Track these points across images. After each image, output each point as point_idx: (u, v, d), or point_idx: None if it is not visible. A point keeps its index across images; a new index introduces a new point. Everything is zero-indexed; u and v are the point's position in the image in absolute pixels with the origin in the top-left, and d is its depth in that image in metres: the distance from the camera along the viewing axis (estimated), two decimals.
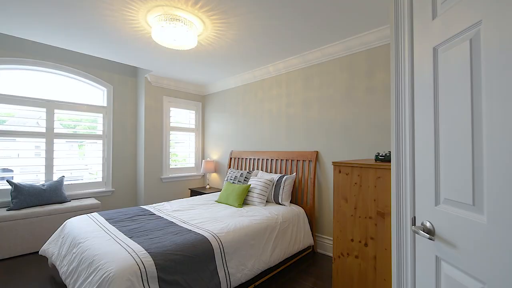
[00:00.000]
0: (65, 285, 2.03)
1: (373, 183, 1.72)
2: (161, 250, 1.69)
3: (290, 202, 3.09)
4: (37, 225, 2.81)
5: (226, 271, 1.87)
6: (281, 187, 2.93)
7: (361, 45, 2.58)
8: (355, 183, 1.82)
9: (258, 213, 2.54)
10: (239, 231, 2.12)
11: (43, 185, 3.05)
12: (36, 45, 3.17)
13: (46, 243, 2.33)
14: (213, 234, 1.98)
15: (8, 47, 2.98)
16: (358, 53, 2.66)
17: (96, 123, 3.82)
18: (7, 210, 2.74)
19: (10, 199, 2.93)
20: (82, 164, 3.68)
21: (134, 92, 4.18)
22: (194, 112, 4.76)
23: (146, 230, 2.06)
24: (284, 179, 2.96)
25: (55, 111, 3.34)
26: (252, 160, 3.76)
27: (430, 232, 0.91)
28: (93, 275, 1.51)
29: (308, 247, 2.85)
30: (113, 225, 2.15)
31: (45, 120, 3.26)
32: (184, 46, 2.43)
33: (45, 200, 2.99)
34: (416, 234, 1.02)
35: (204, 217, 2.42)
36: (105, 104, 3.85)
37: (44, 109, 3.26)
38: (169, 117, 4.33)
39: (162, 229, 2.09)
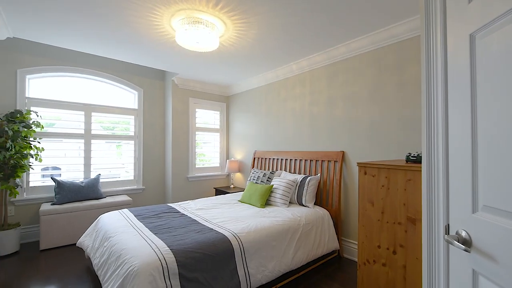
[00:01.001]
0: (97, 276, 2.18)
1: (402, 186, 1.59)
2: (183, 247, 1.73)
3: (315, 203, 2.99)
4: (76, 219, 3.06)
5: (246, 271, 1.86)
6: (305, 188, 2.85)
7: (389, 38, 2.41)
8: (382, 186, 1.70)
9: (280, 214, 2.49)
10: (260, 231, 2.10)
11: (82, 182, 3.31)
12: (75, 54, 3.45)
13: (82, 236, 2.52)
14: (234, 234, 1.98)
15: (53, 56, 3.29)
16: (386, 46, 2.49)
17: (129, 124, 4.06)
18: (51, 205, 3.02)
19: (54, 194, 3.22)
20: (119, 163, 3.95)
21: (162, 94, 4.37)
22: (218, 112, 4.84)
23: (170, 227, 2.13)
24: (308, 180, 2.87)
25: (92, 114, 3.61)
26: (275, 160, 3.72)
27: (466, 243, 0.80)
28: (120, 268, 1.59)
29: (334, 251, 2.74)
30: (141, 221, 2.26)
31: (83, 123, 3.54)
32: (207, 48, 2.47)
33: (83, 196, 3.24)
34: (449, 245, 0.91)
35: (226, 217, 2.43)
36: (136, 107, 4.07)
37: (83, 112, 3.54)
38: (195, 118, 4.46)
39: (185, 226, 2.15)
